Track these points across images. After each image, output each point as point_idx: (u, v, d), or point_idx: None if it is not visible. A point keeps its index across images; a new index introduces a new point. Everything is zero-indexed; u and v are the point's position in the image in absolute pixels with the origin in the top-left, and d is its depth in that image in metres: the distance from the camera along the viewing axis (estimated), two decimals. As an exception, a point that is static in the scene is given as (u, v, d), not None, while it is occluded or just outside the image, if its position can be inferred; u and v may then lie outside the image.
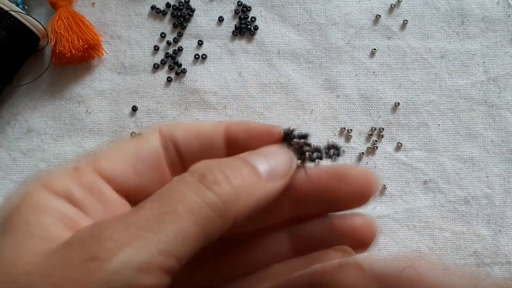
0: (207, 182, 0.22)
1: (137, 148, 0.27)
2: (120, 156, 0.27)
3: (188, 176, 0.23)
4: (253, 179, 0.24)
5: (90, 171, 0.26)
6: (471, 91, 0.55)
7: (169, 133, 0.28)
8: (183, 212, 0.21)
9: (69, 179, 0.25)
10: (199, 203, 0.22)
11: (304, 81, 0.56)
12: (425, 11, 0.56)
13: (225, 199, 0.22)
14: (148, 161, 0.27)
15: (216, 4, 0.57)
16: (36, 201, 0.24)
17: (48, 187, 0.24)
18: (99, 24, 0.57)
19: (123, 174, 0.26)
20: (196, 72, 0.56)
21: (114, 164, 0.26)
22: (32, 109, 0.56)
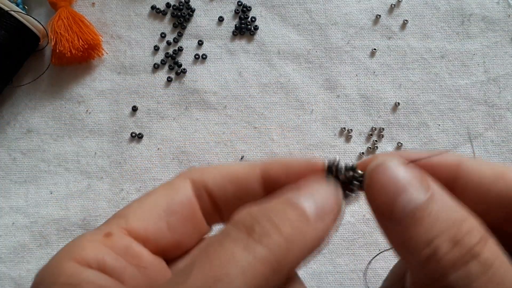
0: (256, 235, 0.21)
1: (168, 200, 0.25)
2: (152, 213, 0.25)
3: (234, 229, 0.21)
4: (302, 223, 0.22)
5: (122, 234, 0.24)
6: (471, 91, 0.55)
7: (200, 180, 0.26)
8: (235, 275, 0.19)
9: (100, 247, 0.23)
10: (251, 262, 0.20)
11: (304, 81, 0.56)
12: (425, 11, 0.56)
13: (277, 252, 0.21)
14: (182, 214, 0.25)
15: (216, 4, 0.57)
16: (71, 276, 0.22)
17: (79, 257, 0.23)
18: (99, 24, 0.57)
19: (157, 232, 0.25)
20: (196, 72, 0.56)
21: (146, 222, 0.24)
22: (32, 109, 0.56)
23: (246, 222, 0.21)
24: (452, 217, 0.22)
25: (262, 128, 0.55)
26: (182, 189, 0.26)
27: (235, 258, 0.20)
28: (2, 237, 0.53)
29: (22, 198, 0.54)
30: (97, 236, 0.24)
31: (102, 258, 0.23)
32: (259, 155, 0.55)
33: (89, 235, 0.24)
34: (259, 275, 0.20)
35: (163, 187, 0.27)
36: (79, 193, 0.54)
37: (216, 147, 0.55)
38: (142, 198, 0.26)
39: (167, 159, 0.55)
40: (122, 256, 0.24)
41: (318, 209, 0.23)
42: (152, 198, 0.26)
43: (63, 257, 0.23)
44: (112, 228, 0.24)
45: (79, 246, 0.24)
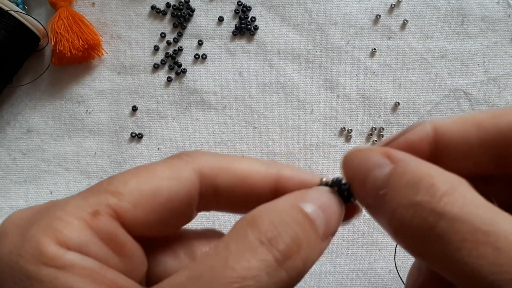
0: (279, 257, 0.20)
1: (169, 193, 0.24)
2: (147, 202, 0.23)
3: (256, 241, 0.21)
4: (316, 242, 0.22)
5: (109, 217, 0.23)
6: (471, 91, 0.55)
7: (211, 178, 0.25)
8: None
9: (85, 229, 0.22)
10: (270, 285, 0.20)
11: (304, 81, 0.56)
12: (425, 11, 0.56)
13: (293, 276, 0.21)
14: (178, 210, 0.24)
15: (216, 4, 0.57)
16: (54, 257, 0.21)
17: (61, 238, 0.21)
18: (99, 24, 0.57)
19: (147, 223, 0.23)
20: (196, 72, 0.56)
21: (139, 211, 0.23)
22: (32, 109, 0.56)
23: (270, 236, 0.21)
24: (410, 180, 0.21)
25: (262, 128, 0.55)
26: (186, 182, 0.24)
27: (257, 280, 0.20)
28: (2, 237, 0.53)
29: (22, 198, 0.54)
30: (83, 213, 0.22)
31: (85, 243, 0.22)
32: (259, 155, 0.55)
33: (73, 208, 0.23)
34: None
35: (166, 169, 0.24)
36: (79, 193, 0.54)
37: (216, 147, 0.55)
38: (141, 176, 0.24)
39: (167, 159, 0.55)
40: (106, 242, 0.22)
41: (327, 229, 0.23)
42: (153, 181, 0.24)
43: (42, 232, 0.22)
44: (101, 205, 0.23)
45: (61, 221, 0.22)
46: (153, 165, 0.24)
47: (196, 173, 0.25)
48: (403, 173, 0.21)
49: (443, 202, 0.19)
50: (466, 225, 0.19)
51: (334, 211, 0.24)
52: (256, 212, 0.22)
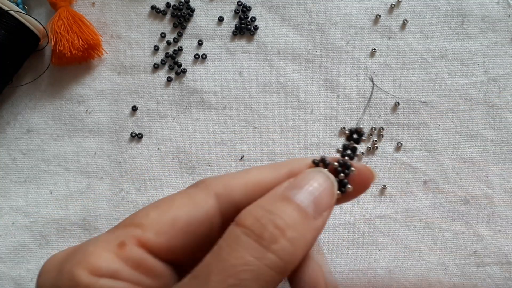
0: (265, 242, 0.22)
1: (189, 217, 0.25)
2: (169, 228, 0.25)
3: (243, 235, 0.23)
4: (303, 223, 0.24)
5: (135, 246, 0.24)
6: (471, 91, 0.55)
7: (226, 194, 0.26)
8: (249, 281, 0.21)
9: (114, 258, 0.24)
10: (263, 268, 0.22)
11: (304, 81, 0.56)
12: (425, 11, 0.56)
13: (284, 256, 0.22)
14: (199, 232, 0.26)
15: (216, 4, 0.57)
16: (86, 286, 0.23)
17: (92, 268, 0.23)
18: (99, 24, 0.57)
19: (171, 248, 0.25)
20: (196, 72, 0.56)
21: (162, 237, 0.25)
22: (32, 109, 0.56)
23: (254, 228, 0.23)
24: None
25: (262, 128, 0.55)
26: (204, 205, 0.26)
27: (248, 265, 0.22)
28: (2, 237, 0.53)
29: (22, 198, 0.54)
30: (111, 245, 0.24)
31: (116, 270, 0.23)
32: (259, 155, 0.55)
33: (102, 243, 0.24)
34: (270, 279, 0.22)
35: (184, 199, 0.26)
36: (79, 193, 0.54)
37: (216, 147, 0.55)
38: (161, 208, 0.26)
39: (167, 159, 0.55)
40: (135, 268, 0.24)
41: (317, 205, 0.24)
42: (172, 210, 0.26)
43: (77, 264, 0.23)
44: (127, 237, 0.24)
45: (92, 255, 0.24)
46: (172, 196, 0.27)
47: (212, 195, 0.26)
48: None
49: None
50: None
51: (323, 189, 0.25)
52: (242, 213, 0.24)
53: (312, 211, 0.24)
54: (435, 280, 0.51)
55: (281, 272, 0.22)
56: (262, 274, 0.22)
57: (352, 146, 0.28)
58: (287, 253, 0.22)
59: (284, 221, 0.23)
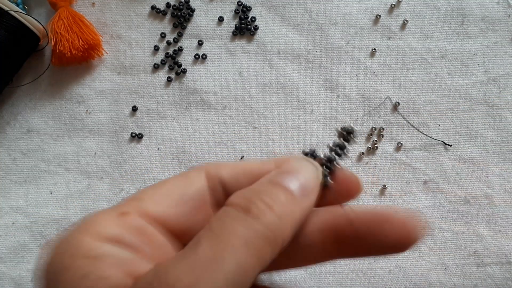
0: (253, 215, 0.24)
1: (183, 190, 0.27)
2: (166, 199, 0.27)
3: (233, 210, 0.24)
4: (290, 201, 0.25)
5: (136, 215, 0.26)
6: (471, 91, 0.55)
7: (215, 173, 0.28)
8: (239, 246, 0.22)
9: (116, 224, 0.25)
10: (252, 235, 0.23)
11: (304, 81, 0.56)
12: (425, 11, 0.56)
13: (272, 227, 0.24)
14: (194, 204, 0.27)
15: (216, 4, 0.57)
16: (89, 249, 0.23)
17: (96, 233, 0.24)
18: (99, 24, 0.57)
19: (170, 217, 0.26)
20: (196, 72, 0.56)
21: (161, 207, 0.26)
22: (32, 109, 0.56)
23: (242, 204, 0.24)
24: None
25: (262, 128, 0.55)
26: (196, 180, 0.28)
27: (237, 232, 0.23)
28: (2, 237, 0.53)
29: (22, 198, 0.54)
30: (113, 215, 0.25)
31: (118, 234, 0.24)
32: (259, 155, 0.55)
33: (105, 213, 0.26)
34: (259, 247, 0.23)
35: (177, 177, 0.28)
36: (79, 193, 0.54)
37: (216, 147, 0.55)
38: (157, 185, 0.28)
39: (167, 159, 0.55)
40: (137, 235, 0.25)
41: (303, 188, 0.26)
42: (167, 186, 0.27)
43: (80, 232, 0.24)
44: (127, 208, 0.26)
45: (95, 222, 0.25)
46: (168, 178, 0.29)
47: (202, 172, 0.28)
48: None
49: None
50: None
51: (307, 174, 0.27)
52: (232, 195, 0.26)
53: (298, 193, 0.26)
54: (435, 280, 0.51)
55: (270, 242, 0.23)
56: (252, 241, 0.23)
57: (342, 144, 0.30)
58: (275, 225, 0.24)
59: (272, 199, 0.25)
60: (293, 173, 0.27)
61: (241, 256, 0.22)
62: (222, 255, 0.22)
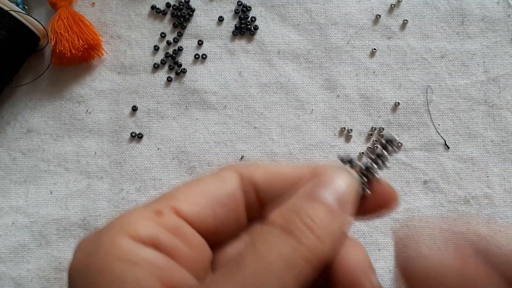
0: (296, 237, 0.24)
1: (217, 190, 0.27)
2: (200, 199, 0.27)
3: (276, 230, 0.24)
4: (329, 219, 0.25)
5: (172, 213, 0.25)
6: (471, 91, 0.55)
7: (248, 175, 0.28)
8: (283, 268, 0.23)
9: (153, 224, 0.25)
10: (295, 259, 0.23)
11: (304, 81, 0.56)
12: (425, 11, 0.56)
13: (314, 250, 0.24)
14: (227, 205, 0.27)
15: (216, 4, 0.57)
16: (126, 252, 0.23)
17: (133, 233, 0.24)
18: (99, 24, 0.57)
19: (204, 217, 0.26)
20: (196, 72, 0.56)
21: (195, 207, 0.26)
22: (32, 109, 0.56)
23: (284, 225, 0.24)
24: None
25: (262, 128, 0.55)
26: (230, 181, 0.28)
27: (282, 254, 0.23)
28: (2, 237, 0.53)
29: (22, 198, 0.54)
30: (148, 213, 0.25)
31: (156, 235, 0.24)
32: (259, 155, 0.55)
33: (140, 212, 0.25)
34: (301, 269, 0.23)
35: (211, 176, 0.28)
36: (79, 193, 0.54)
37: (216, 147, 0.55)
38: (191, 184, 0.27)
39: (167, 159, 0.55)
40: (174, 234, 0.25)
41: (341, 202, 0.26)
42: (201, 185, 0.27)
43: (116, 231, 0.24)
44: (162, 206, 0.25)
45: (132, 221, 0.24)
46: (200, 177, 0.29)
47: (236, 173, 0.28)
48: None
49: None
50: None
51: (346, 186, 0.26)
52: (272, 214, 0.25)
53: (337, 208, 0.25)
54: (435, 280, 0.51)
55: (312, 265, 0.24)
56: (296, 265, 0.23)
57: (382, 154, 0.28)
58: (316, 247, 0.24)
59: (311, 219, 0.24)
60: (331, 185, 0.26)
61: (285, 279, 0.22)
62: (267, 277, 0.22)
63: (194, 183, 0.28)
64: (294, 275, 0.23)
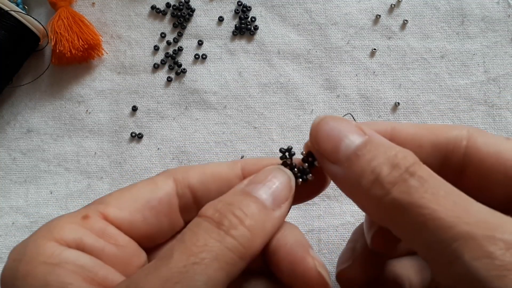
0: (225, 228, 0.24)
1: (149, 196, 0.27)
2: (130, 204, 0.27)
3: (205, 222, 0.24)
4: (262, 214, 0.25)
5: (98, 218, 0.26)
6: (471, 91, 0.55)
7: (184, 179, 0.28)
8: (209, 261, 0.23)
9: (78, 228, 0.25)
10: (223, 250, 0.23)
11: (304, 81, 0.56)
12: (425, 11, 0.56)
13: (243, 241, 0.24)
14: (159, 210, 0.27)
15: (216, 4, 0.57)
16: (50, 256, 0.23)
17: (58, 237, 0.24)
18: (99, 24, 0.57)
19: (133, 221, 0.26)
20: (196, 72, 0.56)
21: (124, 212, 0.26)
22: (32, 109, 0.56)
23: (214, 217, 0.24)
24: (388, 149, 0.25)
25: (262, 128, 0.55)
26: (163, 186, 0.28)
27: (209, 246, 0.23)
28: (2, 237, 0.53)
29: (22, 198, 0.54)
30: (75, 218, 0.26)
31: (80, 238, 0.24)
32: (259, 155, 0.55)
33: (67, 217, 0.26)
34: (229, 261, 0.23)
35: (145, 182, 0.29)
36: (79, 193, 0.54)
37: (216, 147, 0.55)
38: (124, 189, 0.28)
39: (167, 159, 0.55)
40: (99, 235, 0.25)
41: (275, 198, 0.26)
42: (133, 190, 0.28)
43: (41, 237, 0.24)
44: (90, 211, 0.26)
45: (57, 226, 0.25)
46: (135, 183, 0.29)
47: (170, 179, 0.28)
48: (379, 142, 0.25)
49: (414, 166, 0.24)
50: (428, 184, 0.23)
51: (281, 183, 0.27)
52: (204, 207, 0.26)
53: (270, 203, 0.26)
54: (435, 280, 0.51)
55: (241, 256, 0.24)
56: (222, 255, 0.23)
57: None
58: (246, 239, 0.24)
59: (243, 211, 0.25)
60: (266, 182, 0.27)
61: (211, 271, 0.22)
62: (193, 270, 0.22)
63: (127, 189, 0.28)
64: (222, 267, 0.23)
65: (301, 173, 0.29)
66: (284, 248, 0.27)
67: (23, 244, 0.25)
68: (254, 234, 0.24)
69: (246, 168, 0.29)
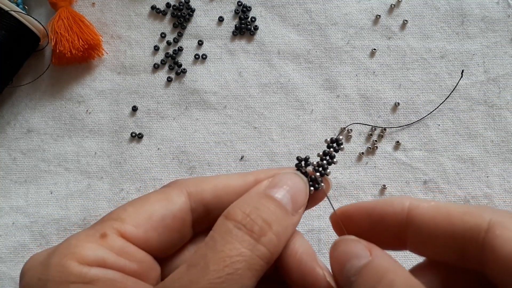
0: (255, 235, 0.25)
1: (163, 212, 0.28)
2: (146, 221, 0.27)
3: (236, 229, 0.25)
4: (285, 219, 0.27)
5: (116, 236, 0.26)
6: (471, 91, 0.55)
7: (197, 193, 0.29)
8: (243, 271, 0.24)
9: (98, 247, 0.26)
10: (254, 259, 0.25)
11: (304, 81, 0.56)
12: (425, 11, 0.56)
13: (271, 247, 0.25)
14: (171, 226, 0.28)
15: (216, 4, 0.57)
16: (79, 275, 0.24)
17: (80, 257, 0.25)
18: (99, 24, 0.57)
19: (148, 238, 0.27)
20: (196, 72, 0.56)
21: (139, 229, 0.27)
22: (32, 109, 0.56)
23: (245, 222, 0.25)
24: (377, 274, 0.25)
25: (262, 128, 0.55)
26: (177, 201, 0.28)
27: (242, 255, 0.24)
28: (2, 237, 0.53)
29: (22, 198, 0.54)
30: (93, 237, 0.26)
31: (101, 257, 0.25)
32: (259, 155, 0.55)
33: (85, 236, 0.26)
34: (259, 268, 0.25)
35: (159, 195, 0.29)
36: (79, 193, 0.54)
37: (216, 147, 0.55)
38: (137, 204, 0.28)
39: (167, 159, 0.55)
40: (120, 255, 0.26)
41: (294, 204, 0.28)
42: (147, 206, 0.28)
43: (64, 255, 0.25)
44: (107, 229, 0.26)
45: (78, 246, 0.25)
46: (147, 194, 0.29)
47: (184, 193, 0.29)
48: (373, 267, 0.26)
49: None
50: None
51: (299, 189, 0.28)
52: (231, 207, 0.27)
53: (290, 208, 0.27)
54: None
55: (267, 262, 0.25)
56: (254, 264, 0.24)
57: (331, 153, 0.31)
58: (273, 245, 0.25)
59: (270, 216, 0.26)
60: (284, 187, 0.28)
61: (245, 280, 0.24)
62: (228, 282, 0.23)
63: (140, 203, 0.28)
64: (253, 275, 0.24)
65: (313, 181, 0.30)
66: (295, 257, 0.28)
67: (43, 263, 0.25)
68: (279, 239, 0.26)
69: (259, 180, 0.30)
